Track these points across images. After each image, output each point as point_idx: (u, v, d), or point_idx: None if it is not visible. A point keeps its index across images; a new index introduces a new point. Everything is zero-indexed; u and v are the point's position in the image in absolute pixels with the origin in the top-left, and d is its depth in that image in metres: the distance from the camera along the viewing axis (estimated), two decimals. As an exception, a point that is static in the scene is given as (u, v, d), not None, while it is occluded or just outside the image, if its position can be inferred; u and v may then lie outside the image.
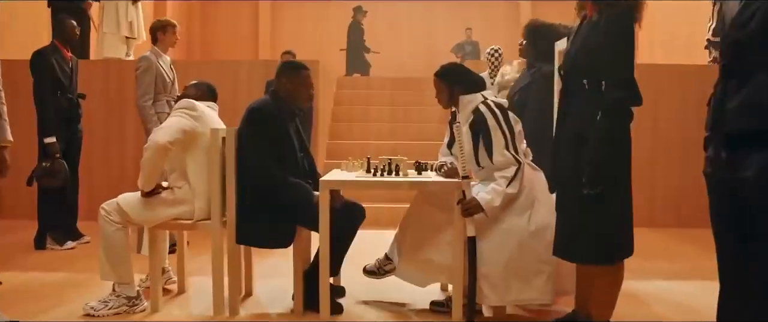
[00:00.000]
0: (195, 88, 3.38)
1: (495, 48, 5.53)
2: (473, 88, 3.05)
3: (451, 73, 3.09)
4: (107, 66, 6.27)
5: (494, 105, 2.96)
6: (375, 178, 3.00)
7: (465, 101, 3.02)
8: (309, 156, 3.28)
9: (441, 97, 3.11)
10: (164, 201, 3.11)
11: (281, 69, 3.17)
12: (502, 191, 2.82)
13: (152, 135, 3.01)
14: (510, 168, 2.85)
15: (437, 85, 3.10)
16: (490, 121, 2.90)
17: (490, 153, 2.90)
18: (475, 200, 2.80)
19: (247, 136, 3.02)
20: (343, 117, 7.74)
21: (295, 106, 3.17)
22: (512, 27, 12.68)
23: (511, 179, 2.84)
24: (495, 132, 2.89)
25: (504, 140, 2.88)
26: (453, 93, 3.04)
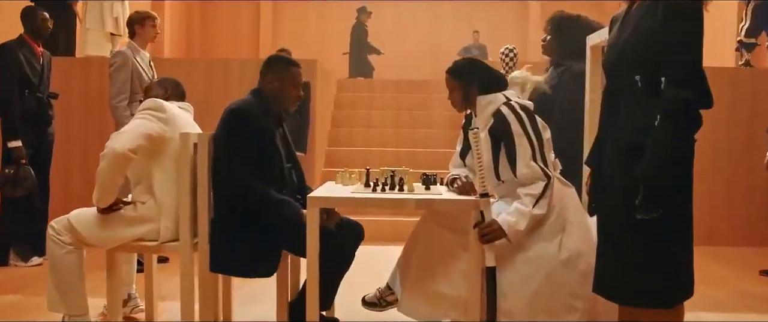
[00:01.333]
0: (160, 86, 2.89)
1: (510, 47, 5.05)
2: (493, 87, 2.56)
3: (465, 69, 2.60)
4: (88, 64, 5.80)
5: (519, 107, 2.47)
6: (374, 194, 2.50)
7: (483, 103, 2.53)
8: (297, 168, 2.79)
9: (454, 98, 2.61)
10: (124, 219, 2.63)
11: (268, 64, 2.69)
12: (528, 212, 2.33)
13: (110, 141, 2.53)
14: (537, 184, 2.37)
15: (450, 84, 2.61)
16: (513, 126, 2.42)
17: (514, 165, 2.41)
18: (496, 224, 2.31)
19: (225, 143, 2.54)
20: (343, 122, 7.26)
21: (281, 108, 2.68)
22: (521, 29, 12.26)
23: (539, 197, 2.35)
24: (519, 139, 2.41)
25: (530, 149, 2.40)
26: (469, 93, 2.56)
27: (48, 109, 4.40)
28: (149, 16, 4.20)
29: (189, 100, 2.98)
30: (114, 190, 2.56)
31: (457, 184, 2.54)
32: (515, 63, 4.93)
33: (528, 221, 2.33)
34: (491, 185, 2.55)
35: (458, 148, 2.82)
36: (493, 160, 2.50)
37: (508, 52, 5.02)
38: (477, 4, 12.42)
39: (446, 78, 2.62)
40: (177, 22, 11.29)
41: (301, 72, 2.69)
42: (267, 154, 2.55)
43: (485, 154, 2.45)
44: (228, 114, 2.56)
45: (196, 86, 5.40)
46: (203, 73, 5.50)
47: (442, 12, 12.48)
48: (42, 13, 4.39)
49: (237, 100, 2.63)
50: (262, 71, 2.68)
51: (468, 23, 11.81)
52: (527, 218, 2.33)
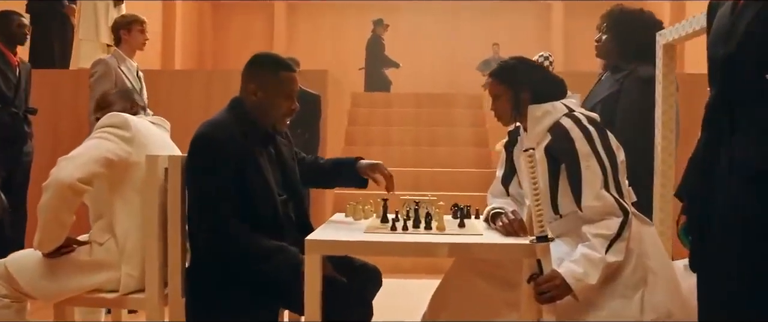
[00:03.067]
0: (122, 97, 2.35)
1: (545, 55, 4.48)
2: (550, 93, 2.00)
3: (515, 70, 2.02)
4: (78, 76, 5.30)
5: (585, 119, 1.89)
6: (394, 235, 1.90)
7: (538, 114, 1.95)
8: (298, 197, 2.20)
9: (501, 108, 2.04)
10: (76, 265, 2.07)
11: (251, 67, 2.08)
12: (600, 259, 1.74)
13: (56, 168, 1.98)
14: (609, 220, 1.79)
15: (494, 90, 2.04)
16: (578, 143, 1.84)
17: (578, 194, 1.83)
18: (560, 277, 1.72)
19: (193, 180, 1.97)
20: (358, 139, 6.67)
21: (268, 125, 2.09)
22: (543, 40, 11.72)
23: (613, 238, 1.77)
24: (587, 161, 1.83)
25: (601, 175, 1.82)
26: (519, 101, 1.99)
27: (24, 126, 3.89)
28: (136, 20, 3.69)
29: (184, 115, 2.42)
30: (60, 232, 2.01)
31: (501, 221, 1.94)
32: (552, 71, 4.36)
33: (600, 271, 1.74)
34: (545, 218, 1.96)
35: (499, 172, 2.23)
36: (550, 187, 1.91)
37: (544, 60, 4.44)
38: (496, 15, 11.92)
39: (490, 83, 2.06)
40: (189, 34, 10.93)
41: (296, 77, 2.10)
42: (251, 188, 1.97)
43: (541, 181, 1.87)
44: (193, 142, 1.97)
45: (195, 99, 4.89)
46: (203, 85, 4.98)
47: (460, 24, 11.97)
48: (17, 17, 3.90)
49: (209, 119, 2.03)
50: (244, 76, 2.07)
51: (487, 35, 11.29)
52: (600, 268, 1.74)
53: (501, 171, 2.21)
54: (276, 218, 2.03)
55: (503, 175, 2.19)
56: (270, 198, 2.01)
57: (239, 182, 1.94)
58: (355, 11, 11.67)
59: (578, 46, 11.53)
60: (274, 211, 2.03)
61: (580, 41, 11.57)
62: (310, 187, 2.53)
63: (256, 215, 1.98)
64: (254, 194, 1.97)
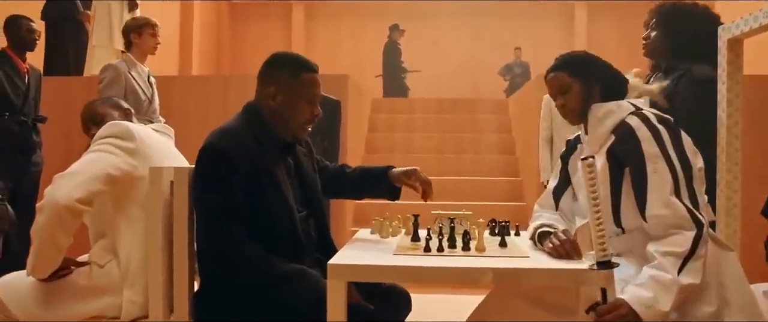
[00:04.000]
0: (110, 107, 2.14)
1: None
2: (615, 91, 1.79)
3: (587, 63, 1.80)
4: (91, 83, 5.13)
5: (655, 118, 1.65)
6: (429, 258, 1.67)
7: (600, 113, 1.73)
8: (319, 213, 1.97)
9: (571, 104, 1.79)
10: (74, 289, 1.87)
11: (269, 68, 1.85)
12: (673, 281, 1.50)
13: (51, 186, 1.78)
14: (679, 235, 1.55)
15: (563, 82, 1.79)
16: (645, 144, 1.62)
17: (643, 202, 1.59)
18: (625, 306, 1.47)
19: (200, 195, 1.74)
20: (379, 147, 6.43)
21: (288, 134, 1.86)
22: (565, 44, 11.43)
23: (687, 256, 1.52)
24: (655, 164, 1.59)
25: (671, 180, 1.58)
26: (590, 96, 1.77)
27: (32, 135, 3.73)
28: (148, 24, 3.51)
29: (200, 123, 2.21)
30: (56, 256, 1.81)
31: (551, 241, 1.70)
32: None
33: (674, 296, 1.49)
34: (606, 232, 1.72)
35: (552, 183, 1.99)
36: (612, 197, 1.67)
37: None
38: (517, 19, 11.66)
39: (556, 76, 1.81)
40: (207, 39, 10.83)
41: (319, 79, 1.88)
42: (266, 203, 1.74)
43: (603, 191, 1.63)
44: (201, 151, 1.74)
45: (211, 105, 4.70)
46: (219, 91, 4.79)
47: (481, 29, 11.72)
48: (26, 22, 3.74)
49: (214, 130, 1.80)
50: (260, 79, 1.85)
51: (508, 40, 11.04)
52: (673, 292, 1.49)
53: (554, 182, 1.97)
54: (294, 237, 1.81)
55: (556, 186, 1.95)
56: (287, 215, 1.78)
57: (253, 196, 1.72)
58: (374, 16, 11.49)
59: (602, 49, 11.17)
60: (292, 229, 1.80)
61: (605, 44, 11.26)
62: (334, 198, 2.29)
63: (272, 233, 1.76)
64: (269, 211, 1.75)
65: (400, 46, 9.41)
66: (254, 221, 1.72)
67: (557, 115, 4.15)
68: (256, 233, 1.71)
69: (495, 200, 5.41)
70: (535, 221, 1.92)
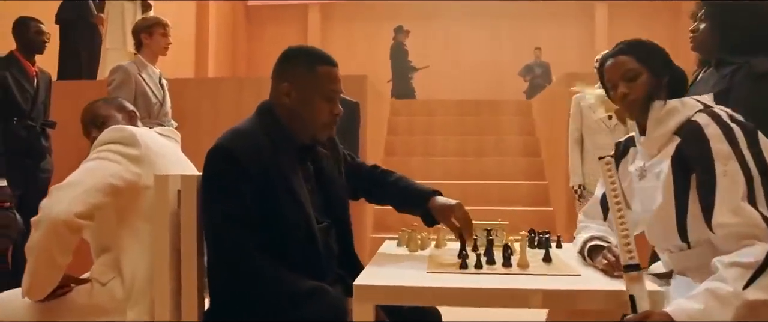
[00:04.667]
0: (113, 108, 1.98)
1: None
2: (679, 88, 1.61)
3: (656, 52, 1.62)
4: (103, 87, 5.01)
5: (727, 116, 1.45)
6: (468, 276, 1.47)
7: (664, 111, 1.54)
8: (343, 223, 1.78)
9: (636, 93, 1.57)
10: (74, 309, 1.70)
11: (283, 63, 1.67)
12: (734, 294, 1.27)
13: (47, 199, 1.62)
14: (752, 247, 1.32)
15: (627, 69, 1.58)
16: (715, 142, 1.41)
17: (710, 209, 1.38)
18: (660, 315, 1.25)
19: (209, 202, 1.56)
20: (398, 150, 6.24)
21: (307, 135, 1.67)
22: (586, 44, 11.19)
23: (758, 268, 1.29)
24: (724, 165, 1.38)
25: (744, 184, 1.36)
26: (658, 89, 1.57)
27: (41, 140, 3.60)
28: (158, 23, 3.36)
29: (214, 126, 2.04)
30: (53, 276, 1.65)
31: (605, 257, 1.49)
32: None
33: (733, 311, 1.25)
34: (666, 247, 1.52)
35: (599, 191, 1.78)
36: (677, 207, 1.47)
37: (608, 60, 3.96)
38: (537, 19, 11.42)
39: (621, 61, 1.59)
40: (223, 42, 10.75)
41: (338, 74, 1.69)
42: (281, 213, 1.56)
43: (660, 195, 1.44)
44: (209, 154, 1.56)
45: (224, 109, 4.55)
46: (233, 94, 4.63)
47: (499, 29, 11.49)
48: (36, 24, 3.62)
49: (226, 131, 1.62)
50: (274, 76, 1.67)
51: (528, 40, 10.80)
52: (732, 306, 1.26)
53: (602, 189, 1.76)
54: (313, 250, 1.62)
55: (604, 194, 1.74)
56: (305, 225, 1.60)
57: (266, 204, 1.54)
58: (389, 17, 11.31)
59: (624, 49, 10.92)
60: (310, 241, 1.62)
61: (627, 44, 10.93)
62: (376, 204, 2.06)
63: (288, 246, 1.57)
64: (285, 220, 1.56)
65: (406, 48, 9.24)
66: (268, 231, 1.54)
67: (588, 116, 3.95)
68: (270, 245, 1.53)
69: (520, 205, 5.19)
70: (583, 232, 1.72)
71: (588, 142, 3.96)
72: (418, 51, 9.71)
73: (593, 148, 3.94)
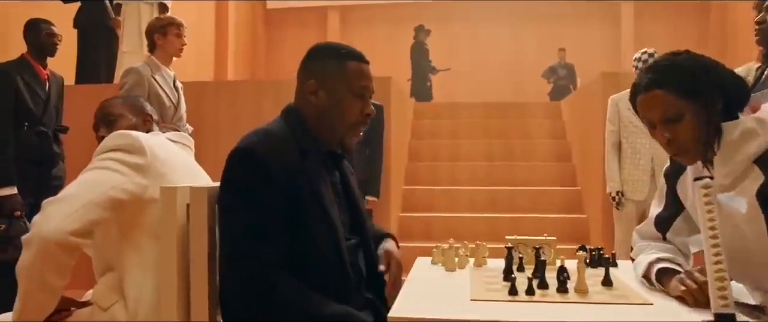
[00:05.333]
0: (128, 108, 1.81)
1: (649, 52, 3.76)
2: (739, 101, 1.33)
3: (696, 72, 1.28)
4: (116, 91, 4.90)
5: None
6: (519, 305, 1.26)
7: (736, 134, 1.27)
8: (368, 243, 1.58)
9: (687, 136, 1.28)
10: (72, 334, 1.52)
11: (309, 61, 1.50)
12: None
13: (40, 215, 1.44)
14: None
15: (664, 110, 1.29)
16: None
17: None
18: None
19: (227, 206, 1.38)
20: (423, 154, 6.03)
21: (336, 139, 1.49)
22: (611, 45, 10.87)
23: None
24: None
25: None
26: (710, 121, 1.27)
27: (53, 146, 3.46)
28: (172, 23, 3.20)
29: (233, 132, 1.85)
30: (48, 300, 1.48)
31: (684, 283, 1.27)
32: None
33: None
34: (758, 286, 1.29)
35: (655, 209, 1.54)
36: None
37: (647, 59, 3.73)
38: (561, 19, 11.11)
39: (655, 98, 1.30)
40: (242, 46, 10.66)
41: (370, 71, 1.51)
42: (307, 228, 1.37)
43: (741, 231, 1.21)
44: (230, 158, 1.38)
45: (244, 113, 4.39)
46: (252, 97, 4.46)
47: (522, 30, 11.22)
48: (47, 26, 3.47)
49: (250, 132, 1.43)
50: (300, 74, 1.50)
51: (550, 41, 10.52)
52: None
53: (658, 207, 1.52)
54: (341, 271, 1.42)
55: (661, 213, 1.51)
56: (334, 242, 1.41)
57: (291, 216, 1.35)
58: (409, 19, 11.11)
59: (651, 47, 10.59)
60: (338, 260, 1.42)
61: (654, 44, 10.56)
62: None
63: (313, 264, 1.38)
64: (312, 236, 1.37)
65: (427, 47, 9.03)
66: (292, 247, 1.35)
67: (627, 118, 3.70)
68: (294, 263, 1.34)
69: (552, 212, 4.95)
70: (646, 253, 1.49)
71: (626, 145, 3.72)
72: (439, 52, 9.48)
73: (632, 153, 3.70)
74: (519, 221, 4.72)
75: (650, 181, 3.64)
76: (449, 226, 4.74)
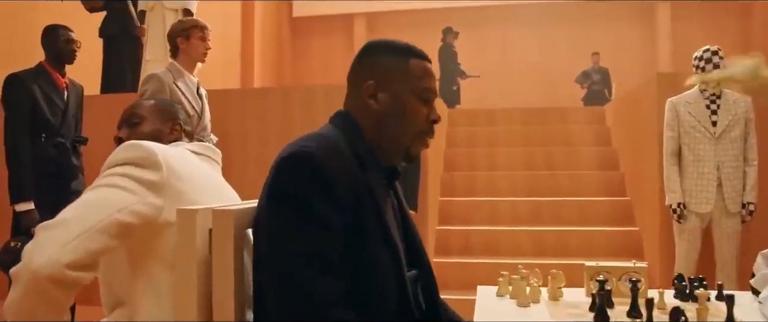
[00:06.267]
0: (155, 112, 1.57)
1: (713, 49, 3.44)
2: None
3: None
4: (142, 101, 4.72)
5: None
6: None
7: None
8: (429, 274, 1.30)
9: None
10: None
11: (365, 58, 1.25)
12: None
13: (32, 244, 1.20)
14: None
15: None
16: None
17: None
18: None
19: (277, 224, 1.09)
20: (459, 164, 5.71)
21: (397, 151, 1.23)
22: (647, 47, 10.45)
23: None
24: None
25: None
26: None
27: (72, 159, 3.26)
28: (196, 25, 2.98)
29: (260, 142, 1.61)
30: None
31: None
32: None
33: None
34: None
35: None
36: None
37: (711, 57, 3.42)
38: (594, 22, 10.74)
39: None
40: (269, 55, 10.54)
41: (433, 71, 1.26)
42: (371, 252, 1.11)
43: None
44: (283, 164, 1.11)
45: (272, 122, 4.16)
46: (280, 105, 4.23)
47: (552, 34, 10.86)
48: (66, 32, 3.29)
49: (302, 137, 1.18)
50: (353, 75, 1.25)
51: (583, 45, 10.18)
52: None
53: None
54: (405, 307, 1.16)
55: None
56: (397, 273, 1.15)
57: (354, 240, 1.10)
58: (438, 25, 10.85)
59: (689, 50, 10.16)
60: (402, 293, 1.16)
61: (691, 45, 10.13)
62: None
63: (376, 300, 1.12)
64: (374, 265, 1.11)
65: (455, 50, 8.77)
66: (352, 278, 1.09)
67: (688, 122, 3.37)
68: (353, 297, 1.08)
69: (600, 224, 4.61)
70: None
71: (687, 152, 3.39)
72: (467, 57, 9.20)
73: (694, 160, 3.37)
74: (566, 235, 4.39)
75: (717, 191, 3.30)
76: (490, 240, 4.44)
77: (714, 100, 3.37)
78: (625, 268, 1.47)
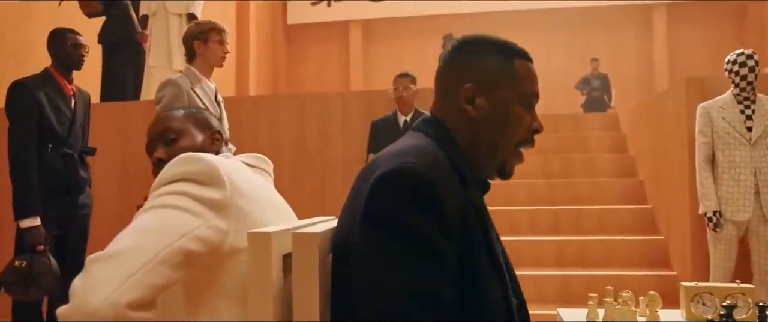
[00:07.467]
0: (196, 122, 1.39)
1: (748, 52, 3.33)
2: None
3: None
4: (148, 108, 4.53)
5: None
6: None
7: None
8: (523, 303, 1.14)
9: None
10: None
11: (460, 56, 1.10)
12: None
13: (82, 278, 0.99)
14: None
15: None
16: None
17: None
18: None
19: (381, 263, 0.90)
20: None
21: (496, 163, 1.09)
22: (645, 51, 10.42)
23: None
24: None
25: None
26: None
27: (79, 171, 3.07)
28: (214, 28, 2.82)
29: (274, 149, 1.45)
30: None
31: None
32: (756, 77, 3.25)
33: None
34: None
35: None
36: None
37: (745, 61, 3.30)
38: (591, 28, 10.75)
39: None
40: (264, 62, 10.38)
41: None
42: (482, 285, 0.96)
43: None
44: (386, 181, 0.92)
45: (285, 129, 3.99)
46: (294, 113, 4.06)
47: (553, 42, 10.82)
48: (74, 37, 3.11)
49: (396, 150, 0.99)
50: (444, 77, 1.10)
51: (581, 50, 10.15)
52: None
53: None
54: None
55: None
56: (505, 306, 1.00)
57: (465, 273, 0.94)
58: (435, 32, 10.76)
59: (685, 53, 10.20)
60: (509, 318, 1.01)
61: (688, 48, 10.22)
62: None
63: None
64: (485, 298, 0.96)
65: None
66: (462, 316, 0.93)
67: (722, 128, 3.25)
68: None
69: (622, 233, 4.48)
70: None
71: (722, 158, 3.27)
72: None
73: (729, 167, 3.24)
74: (587, 245, 4.26)
75: (755, 198, 3.19)
76: (511, 250, 4.29)
77: (748, 105, 3.26)
78: (729, 288, 1.32)
